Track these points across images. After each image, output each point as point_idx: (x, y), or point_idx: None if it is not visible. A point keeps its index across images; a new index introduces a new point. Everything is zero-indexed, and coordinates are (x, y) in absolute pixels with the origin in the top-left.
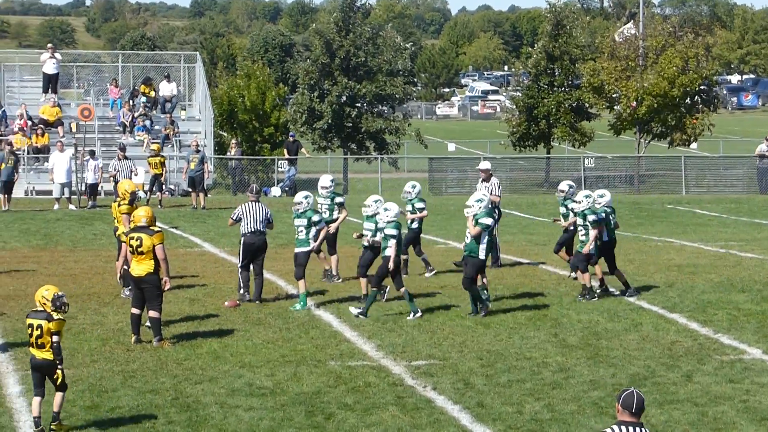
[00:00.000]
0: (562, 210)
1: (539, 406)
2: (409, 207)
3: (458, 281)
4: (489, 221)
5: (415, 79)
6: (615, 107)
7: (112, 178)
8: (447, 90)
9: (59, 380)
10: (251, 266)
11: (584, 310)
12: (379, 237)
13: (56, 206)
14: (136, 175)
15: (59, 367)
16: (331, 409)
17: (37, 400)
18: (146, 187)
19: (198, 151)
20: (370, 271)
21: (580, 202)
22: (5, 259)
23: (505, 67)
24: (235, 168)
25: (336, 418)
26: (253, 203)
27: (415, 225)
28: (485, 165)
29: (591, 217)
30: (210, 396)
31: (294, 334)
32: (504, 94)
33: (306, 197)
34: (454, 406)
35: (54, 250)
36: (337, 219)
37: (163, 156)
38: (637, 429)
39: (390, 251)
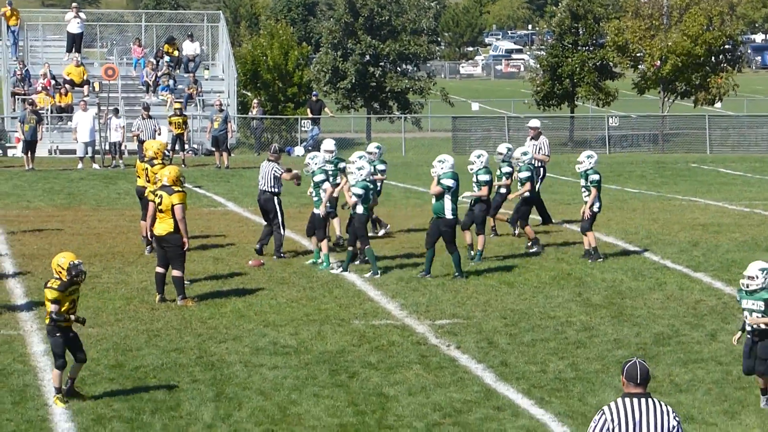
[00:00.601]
0: (498, 172)
1: (563, 365)
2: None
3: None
4: (450, 182)
5: (439, 38)
6: (639, 66)
7: (135, 138)
8: (471, 49)
9: (54, 354)
10: None
11: (608, 269)
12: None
13: (80, 165)
14: (159, 134)
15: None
16: (354, 367)
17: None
18: (169, 147)
19: (221, 111)
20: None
21: (581, 162)
22: (29, 219)
23: (529, 26)
24: (257, 127)
25: (360, 377)
26: (267, 162)
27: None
28: (535, 123)
29: (593, 177)
30: (234, 355)
31: (318, 294)
32: (528, 53)
33: (312, 158)
34: (478, 365)
35: (78, 209)
36: (339, 184)
37: (185, 115)
38: (643, 400)
39: (359, 208)
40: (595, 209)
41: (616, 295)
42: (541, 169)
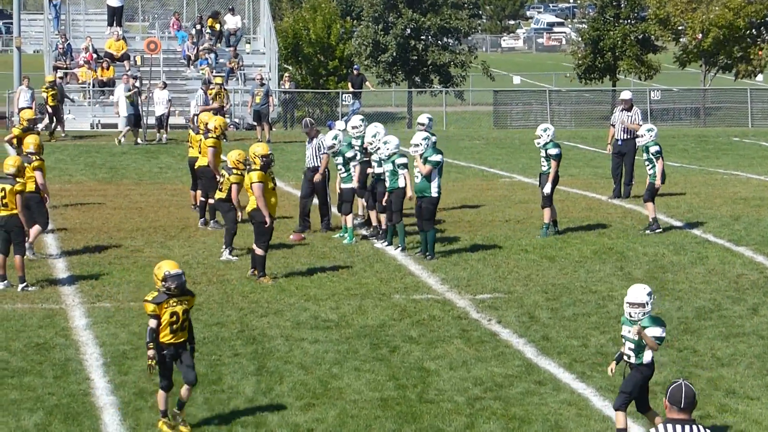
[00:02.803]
0: None
1: (605, 340)
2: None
3: (519, 214)
4: (438, 158)
5: (480, 12)
6: (681, 39)
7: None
8: (512, 22)
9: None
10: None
11: (650, 243)
12: (380, 170)
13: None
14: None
15: (149, 352)
16: (395, 342)
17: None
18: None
19: (263, 85)
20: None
21: (642, 136)
22: (71, 192)
23: None
24: (288, 102)
25: (401, 351)
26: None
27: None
28: (626, 95)
29: (654, 149)
30: (275, 329)
31: (359, 268)
32: (569, 26)
33: (335, 137)
34: (519, 339)
35: (120, 183)
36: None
37: (225, 89)
38: (687, 427)
39: (401, 181)
40: (658, 183)
41: (657, 269)
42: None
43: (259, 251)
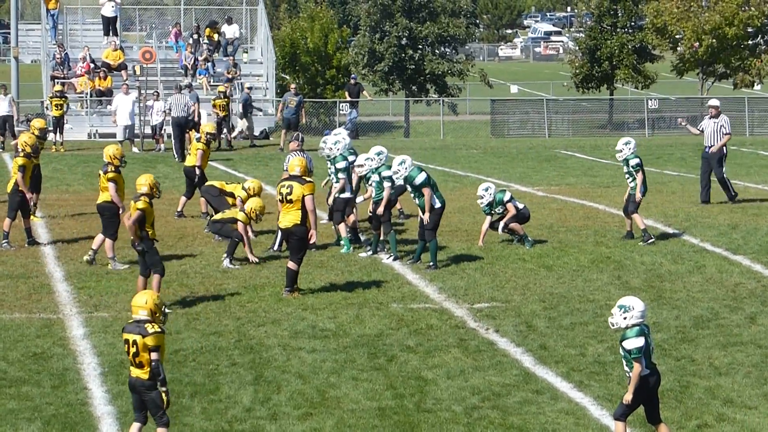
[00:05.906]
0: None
1: (602, 349)
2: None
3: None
4: (421, 178)
5: (477, 20)
6: (678, 48)
7: (166, 114)
8: (509, 31)
9: (159, 408)
10: None
11: (647, 252)
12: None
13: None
14: (192, 110)
15: (162, 389)
16: (393, 351)
17: (136, 426)
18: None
19: (297, 95)
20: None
21: (621, 151)
22: (69, 202)
23: (568, 8)
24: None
25: (398, 360)
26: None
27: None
28: (714, 102)
29: (634, 161)
30: (273, 338)
31: (356, 277)
32: (567, 35)
33: (336, 143)
34: (517, 348)
35: None
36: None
37: (228, 98)
38: None
39: (385, 193)
40: (638, 196)
41: (655, 278)
42: (724, 147)
43: (293, 266)
